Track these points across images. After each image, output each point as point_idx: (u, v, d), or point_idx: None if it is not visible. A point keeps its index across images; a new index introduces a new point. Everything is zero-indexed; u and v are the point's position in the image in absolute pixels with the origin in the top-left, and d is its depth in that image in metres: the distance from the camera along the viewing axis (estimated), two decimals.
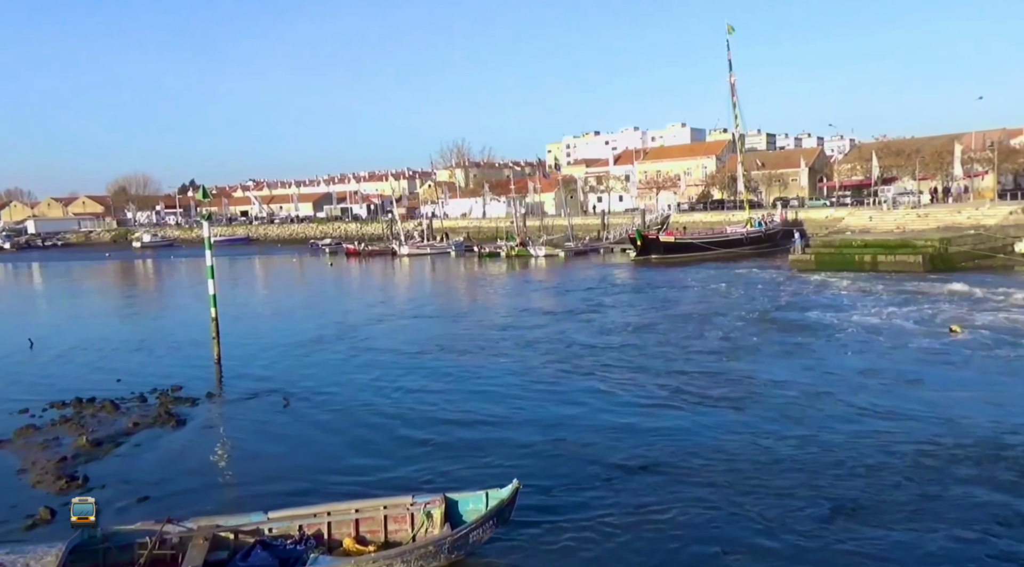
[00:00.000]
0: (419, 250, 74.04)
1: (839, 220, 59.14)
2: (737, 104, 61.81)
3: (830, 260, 43.01)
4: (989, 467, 12.22)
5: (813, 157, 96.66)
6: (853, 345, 22.38)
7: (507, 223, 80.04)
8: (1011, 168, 76.38)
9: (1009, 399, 16.06)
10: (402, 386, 19.31)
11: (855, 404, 16.13)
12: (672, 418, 15.68)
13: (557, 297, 37.43)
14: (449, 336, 27.08)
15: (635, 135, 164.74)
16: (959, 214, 50.34)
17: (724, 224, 66.32)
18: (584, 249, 66.97)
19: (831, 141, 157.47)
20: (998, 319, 24.67)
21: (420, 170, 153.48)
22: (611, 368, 20.35)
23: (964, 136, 77.75)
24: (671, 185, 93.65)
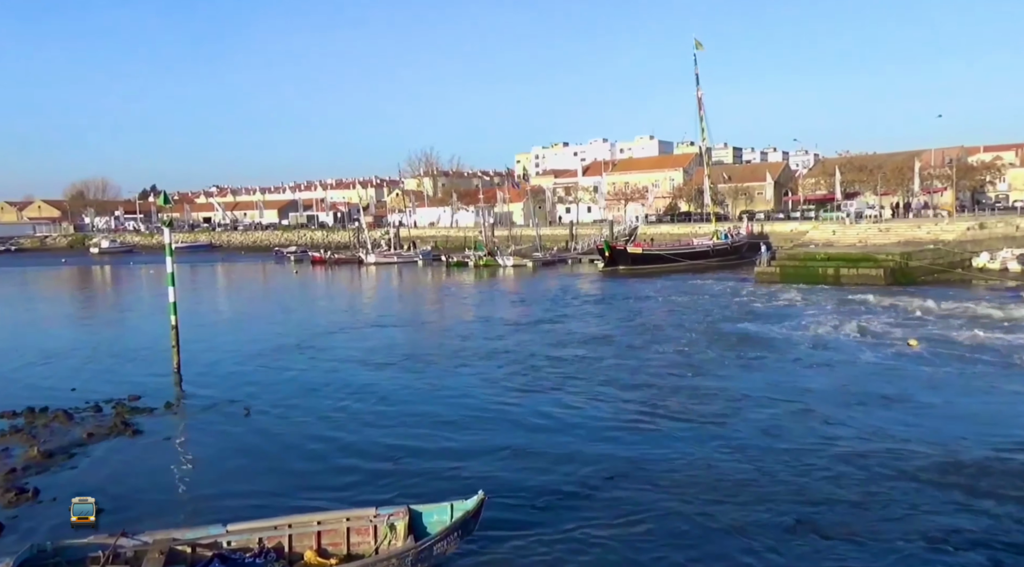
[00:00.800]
0: (386, 259, 73.63)
1: (803, 233, 60.27)
2: (704, 118, 62.90)
3: (794, 273, 43.76)
4: (946, 481, 12.47)
5: (779, 171, 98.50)
6: (815, 359, 22.75)
7: (475, 233, 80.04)
8: (969, 185, 78.69)
9: (966, 414, 16.43)
10: (366, 397, 19.13)
11: (816, 417, 16.39)
12: (636, 430, 15.76)
13: (524, 307, 37.49)
14: (414, 346, 26.96)
15: (604, 147, 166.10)
16: (919, 229, 51.61)
17: (691, 236, 67.11)
18: (552, 259, 67.22)
19: (796, 156, 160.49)
20: (956, 334, 25.26)
21: (388, 178, 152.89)
22: (576, 380, 20.39)
23: (924, 153, 79.92)
24: (639, 197, 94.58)
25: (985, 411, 16.47)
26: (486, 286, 51.02)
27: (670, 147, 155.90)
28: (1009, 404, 17.08)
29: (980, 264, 43.37)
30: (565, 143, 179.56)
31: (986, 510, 11.23)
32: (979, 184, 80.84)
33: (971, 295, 35.02)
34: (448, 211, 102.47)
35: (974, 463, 13.11)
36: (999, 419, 15.80)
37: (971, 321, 27.52)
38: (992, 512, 11.16)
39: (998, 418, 15.87)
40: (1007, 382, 19.02)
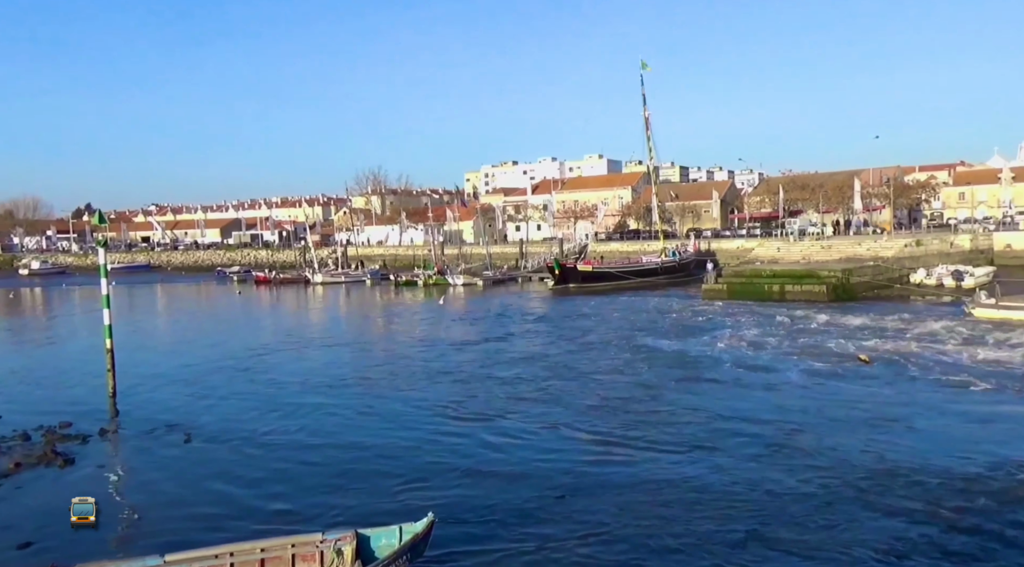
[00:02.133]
0: (333, 278, 72.74)
1: (749, 250, 61.77)
2: (651, 137, 64.16)
3: (741, 290, 44.78)
4: (894, 493, 12.86)
5: (724, 189, 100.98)
6: (762, 375, 23.27)
7: (425, 251, 79.75)
8: (905, 203, 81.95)
9: (914, 428, 16.96)
10: (310, 420, 18.83)
11: (766, 433, 16.75)
12: (585, 449, 15.84)
13: (473, 326, 37.45)
14: (360, 367, 26.69)
15: (553, 165, 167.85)
16: (859, 246, 53.45)
17: (640, 254, 68.11)
18: (502, 278, 67.38)
19: (741, 174, 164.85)
20: (901, 348, 26.16)
21: (335, 197, 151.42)
22: (524, 401, 20.34)
23: (863, 172, 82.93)
24: (588, 215, 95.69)
25: (932, 426, 17.01)
26: (435, 305, 50.83)
27: (619, 166, 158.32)
28: (952, 418, 17.74)
29: (917, 280, 45.06)
30: (514, 161, 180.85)
31: (931, 522, 11.61)
32: (915, 202, 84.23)
33: (909, 309, 36.34)
34: (397, 229, 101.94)
35: (920, 477, 13.54)
36: (945, 434, 16.34)
37: (913, 336, 28.50)
38: (937, 524, 11.54)
39: (944, 433, 16.42)
40: (950, 397, 19.76)
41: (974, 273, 43.63)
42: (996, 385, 20.32)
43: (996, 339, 26.75)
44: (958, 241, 53.84)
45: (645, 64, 62.67)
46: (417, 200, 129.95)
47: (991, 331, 28.45)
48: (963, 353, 24.65)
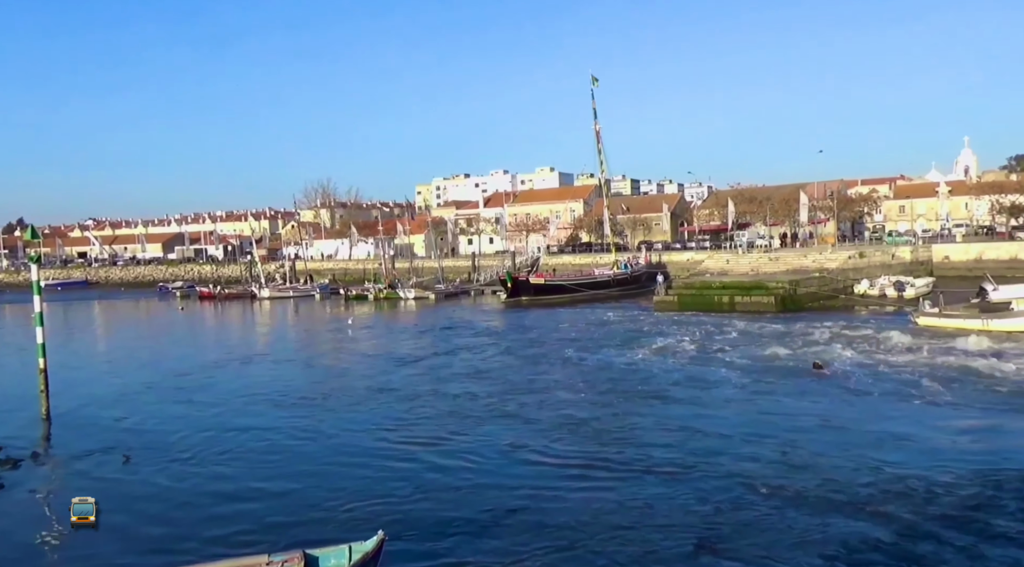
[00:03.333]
0: (281, 293, 71.59)
1: (699, 263, 62.88)
2: (602, 151, 64.96)
3: (691, 301, 45.50)
4: (844, 500, 13.19)
5: (675, 202, 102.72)
6: (715, 384, 23.67)
7: (375, 265, 79.09)
8: (849, 216, 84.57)
9: (866, 434, 17.44)
10: (253, 439, 18.47)
11: (720, 441, 17.03)
12: (536, 464, 15.83)
13: (424, 340, 37.23)
14: (306, 384, 26.30)
15: (505, 178, 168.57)
16: (805, 258, 54.90)
17: (592, 266, 68.69)
18: (455, 291, 67.21)
19: (691, 188, 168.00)
20: (852, 356, 26.92)
21: (283, 210, 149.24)
22: (475, 417, 20.20)
23: (808, 186, 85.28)
24: (541, 228, 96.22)
25: (884, 432, 17.44)
26: (387, 319, 50.42)
27: (570, 179, 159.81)
28: (903, 425, 18.26)
29: (861, 291, 46.42)
30: (466, 174, 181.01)
31: (876, 528, 11.92)
32: (858, 215, 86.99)
33: (855, 319, 37.43)
34: (347, 243, 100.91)
35: (871, 483, 13.90)
36: (897, 441, 16.78)
37: (860, 344, 29.32)
38: (885, 530, 11.85)
39: (896, 440, 16.86)
40: (901, 404, 20.38)
41: (915, 284, 45.14)
42: (944, 391, 21.02)
43: (941, 347, 27.63)
44: (899, 253, 55.71)
45: (595, 79, 63.63)
46: (367, 213, 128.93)
47: (935, 339, 29.43)
48: (912, 360, 25.45)
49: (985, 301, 36.40)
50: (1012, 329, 30.12)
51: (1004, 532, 11.55)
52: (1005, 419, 18.19)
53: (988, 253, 54.96)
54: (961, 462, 14.85)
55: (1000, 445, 16.09)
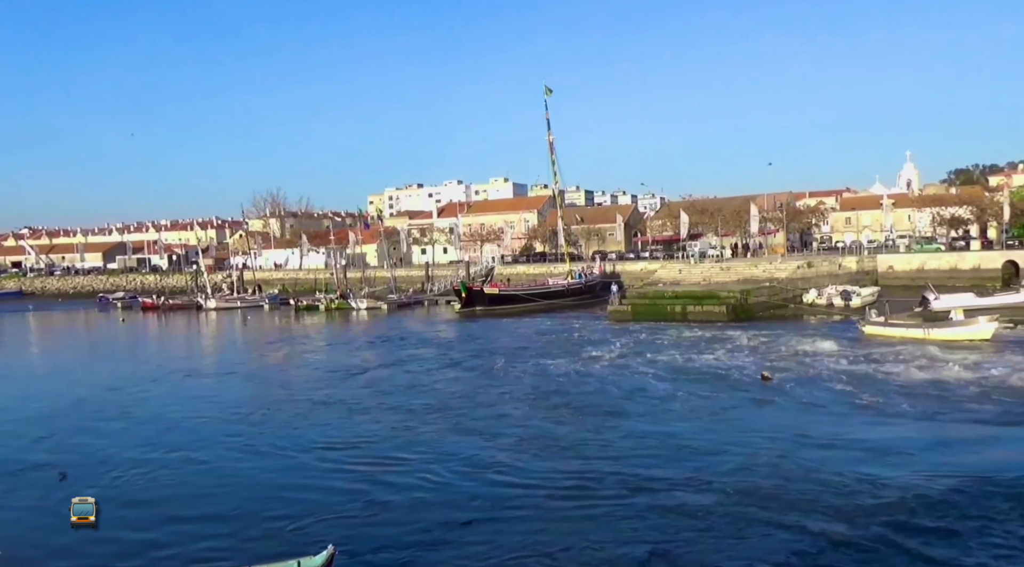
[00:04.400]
0: (228, 303, 70.09)
1: (652, 272, 63.60)
2: (556, 162, 65.39)
3: (645, 311, 45.96)
4: (794, 508, 13.39)
5: (628, 213, 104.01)
6: (667, 392, 23.90)
7: (327, 275, 78.08)
8: (797, 227, 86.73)
9: (815, 441, 17.77)
10: (195, 454, 18.02)
11: (672, 451, 17.16)
12: (486, 477, 15.72)
13: (375, 352, 36.82)
14: (252, 397, 25.81)
15: (459, 188, 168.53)
16: (756, 268, 55.98)
17: (546, 276, 68.93)
18: (408, 301, 66.70)
19: (644, 199, 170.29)
20: (799, 364, 27.48)
21: (231, 219, 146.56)
22: (426, 430, 19.90)
23: (758, 197, 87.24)
24: (495, 238, 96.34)
25: (833, 439, 17.83)
26: (338, 330, 49.75)
27: (524, 189, 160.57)
28: (847, 431, 18.68)
29: (809, 300, 47.50)
30: (420, 184, 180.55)
31: (826, 535, 12.13)
32: (806, 226, 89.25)
33: (804, 328, 38.26)
34: (297, 253, 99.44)
35: (816, 491, 14.15)
36: (840, 448, 17.16)
37: (809, 353, 29.91)
38: (831, 536, 12.07)
39: (839, 447, 17.25)
40: (850, 411, 20.85)
41: (861, 293, 46.37)
42: (889, 400, 21.57)
43: (887, 355, 28.32)
44: (845, 263, 57.24)
45: (549, 90, 64.07)
46: (318, 223, 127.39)
47: (881, 346, 30.23)
48: (860, 369, 26.04)
49: (927, 310, 37.64)
50: (951, 338, 31.12)
51: (950, 537, 11.86)
52: (948, 427, 18.77)
53: (930, 263, 56.84)
54: (908, 469, 15.24)
55: (944, 452, 16.56)
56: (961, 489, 13.75)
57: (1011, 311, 36.57)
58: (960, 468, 15.08)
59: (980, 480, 14.16)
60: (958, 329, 31.68)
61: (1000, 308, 36.69)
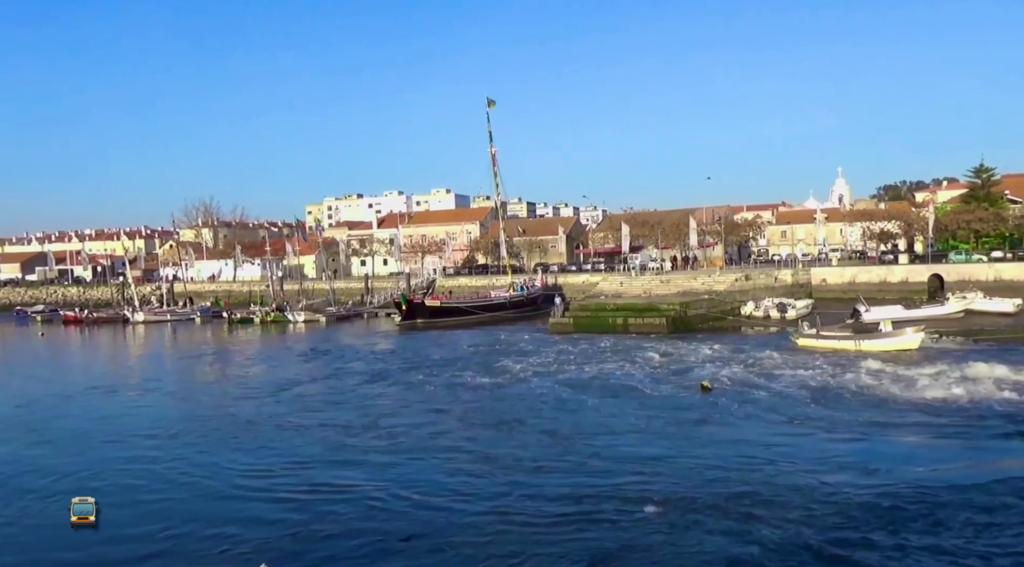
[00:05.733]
0: (157, 316, 68.08)
1: (594, 285, 64.31)
2: (498, 173, 65.82)
3: (587, 323, 46.46)
4: (729, 516, 13.73)
5: (570, 225, 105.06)
6: (610, 405, 24.20)
7: (262, 287, 76.56)
8: (735, 240, 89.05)
9: (750, 448, 18.28)
10: (113, 473, 17.43)
11: (612, 462, 17.38)
12: (424, 492, 15.65)
13: (310, 366, 36.21)
14: (178, 414, 25.18)
15: (400, 199, 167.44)
16: (695, 280, 57.14)
17: (488, 288, 69.03)
18: (347, 314, 65.90)
19: (586, 211, 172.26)
20: (737, 374, 28.18)
21: (161, 229, 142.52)
22: (360, 448, 19.50)
23: (697, 211, 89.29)
24: (436, 249, 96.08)
25: (764, 447, 18.37)
26: (272, 344, 48.78)
27: (467, 201, 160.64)
28: (781, 440, 19.22)
29: (747, 312, 48.75)
30: (360, 195, 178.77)
31: (761, 542, 12.47)
32: (744, 240, 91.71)
33: (742, 339, 39.25)
34: (231, 264, 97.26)
35: (751, 499, 14.53)
36: (775, 456, 17.67)
37: (748, 364, 30.67)
38: (765, 543, 12.42)
39: (775, 455, 17.76)
40: (781, 421, 21.45)
41: (796, 305, 47.86)
42: (822, 409, 22.34)
43: (819, 366, 29.20)
44: (781, 276, 58.98)
45: (491, 102, 64.57)
46: (254, 233, 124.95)
47: (812, 358, 31.20)
48: (792, 379, 26.82)
49: (858, 322, 39.09)
50: (881, 348, 32.36)
51: (875, 546, 12.32)
52: (876, 435, 19.51)
53: (860, 276, 59.00)
54: (839, 475, 15.79)
55: (873, 461, 17.17)
56: (888, 496, 14.32)
57: (936, 323, 38.35)
58: (889, 476, 15.68)
59: (908, 488, 14.75)
60: (887, 340, 32.98)
61: (926, 320, 38.42)
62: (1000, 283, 52.20)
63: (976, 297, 45.81)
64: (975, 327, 38.40)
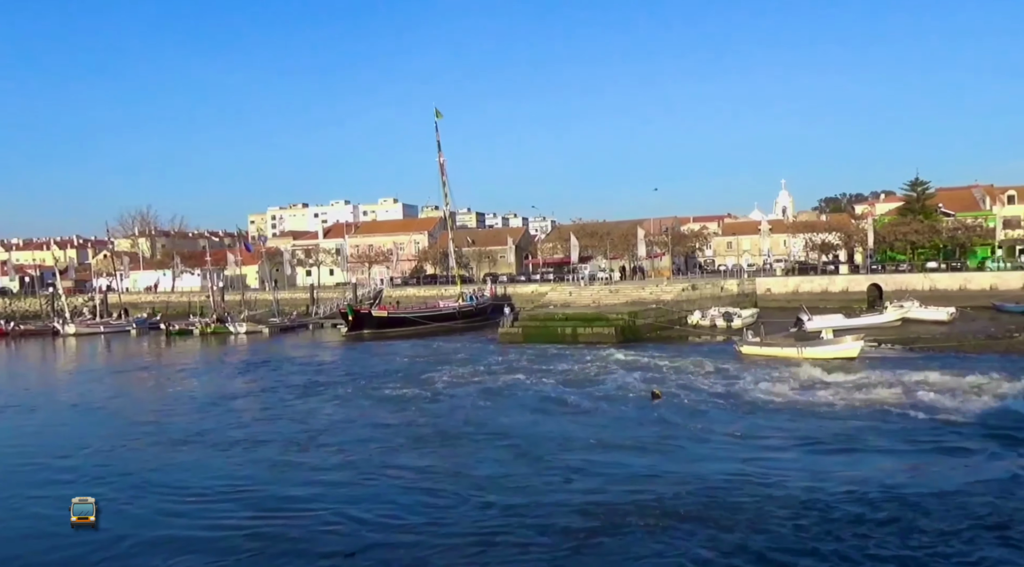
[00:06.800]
0: (90, 329, 65.93)
1: (543, 295, 64.75)
2: (447, 183, 65.83)
3: (536, 333, 46.69)
4: (677, 521, 13.89)
5: (519, 236, 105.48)
6: (559, 414, 24.32)
7: (202, 298, 74.87)
8: (682, 251, 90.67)
9: (699, 455, 18.56)
10: (19, 502, 16.28)
11: (562, 471, 17.44)
12: (369, 504, 15.48)
13: (249, 379, 35.38)
14: (105, 431, 24.18)
15: (346, 209, 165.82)
16: (643, 290, 58.05)
17: (437, 298, 68.87)
18: (292, 325, 64.90)
19: (535, 222, 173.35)
20: (685, 382, 28.60)
21: (94, 238, 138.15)
22: (297, 465, 18.98)
23: (645, 222, 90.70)
24: (384, 259, 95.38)
25: (710, 454, 18.70)
26: (211, 356, 47.65)
27: (415, 210, 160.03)
28: (724, 446, 19.59)
29: (694, 321, 49.70)
30: (305, 204, 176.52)
31: (711, 547, 12.65)
32: (691, 250, 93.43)
33: (689, 348, 39.88)
34: (169, 275, 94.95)
35: (699, 505, 14.74)
36: (721, 462, 18.00)
37: (694, 373, 31.14)
38: (715, 549, 12.61)
39: (720, 461, 18.09)
40: (725, 427, 21.83)
41: (741, 314, 48.98)
42: (765, 416, 22.85)
43: (760, 374, 29.84)
44: (727, 286, 60.30)
45: (439, 112, 64.80)
46: (194, 243, 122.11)
47: (755, 366, 31.90)
48: (734, 387, 27.38)
49: (801, 330, 40.18)
50: (823, 356, 33.28)
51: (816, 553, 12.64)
52: (816, 440, 20.01)
53: (804, 286, 60.74)
54: (784, 480, 16.15)
55: (814, 465, 17.64)
56: (822, 502, 14.70)
57: (875, 331, 39.71)
58: (830, 482, 16.08)
59: (848, 495, 15.15)
60: (828, 348, 33.96)
61: (866, 328, 39.77)
62: (935, 292, 54.43)
63: (912, 306, 47.66)
64: (911, 335, 39.92)
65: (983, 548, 12.31)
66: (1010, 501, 14.42)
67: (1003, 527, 13.12)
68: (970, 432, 20.01)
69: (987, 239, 67.74)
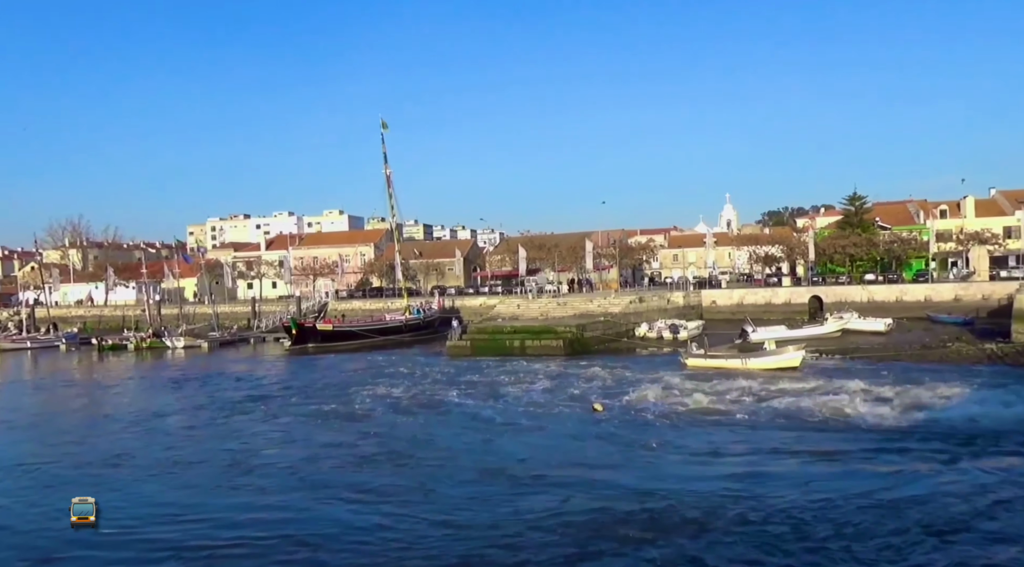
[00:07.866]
0: (15, 344, 63.52)
1: (492, 307, 64.68)
2: (394, 195, 65.55)
3: (484, 345, 46.63)
4: (618, 531, 14.03)
5: (467, 248, 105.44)
6: (501, 425, 24.28)
7: (138, 311, 72.76)
8: (630, 263, 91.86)
9: (645, 465, 18.71)
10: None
11: (505, 482, 17.42)
12: (323, 515, 15.40)
13: (184, 396, 34.38)
14: (23, 453, 23.12)
15: (290, 220, 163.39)
16: (591, 303, 58.48)
17: (384, 311, 68.27)
18: (232, 339, 63.46)
19: (483, 234, 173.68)
20: (630, 395, 28.76)
21: (21, 249, 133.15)
22: (232, 488, 18.42)
23: (593, 234, 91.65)
24: (329, 272, 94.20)
25: (652, 465, 18.91)
26: (146, 372, 46.25)
27: (361, 222, 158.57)
28: (666, 458, 19.80)
29: (641, 333, 50.32)
30: (247, 215, 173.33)
31: (658, 554, 12.73)
32: (638, 263, 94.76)
33: (636, 361, 40.31)
34: (102, 287, 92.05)
35: (641, 514, 14.89)
36: (662, 474, 18.21)
37: (640, 383, 31.46)
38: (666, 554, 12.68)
39: (661, 473, 18.31)
40: (669, 438, 22.10)
41: (687, 326, 49.77)
42: (708, 429, 23.22)
43: (705, 386, 30.20)
44: (674, 298, 61.23)
45: (385, 124, 64.53)
46: (128, 254, 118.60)
47: (699, 378, 32.34)
48: (678, 399, 27.72)
49: (746, 342, 41.04)
50: (766, 366, 34.04)
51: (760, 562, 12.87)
52: (760, 453, 20.42)
53: (748, 298, 62.09)
54: (727, 491, 16.40)
55: (764, 477, 17.96)
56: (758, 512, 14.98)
57: (816, 341, 40.80)
58: (774, 491, 16.41)
59: (793, 503, 15.47)
60: (770, 358, 34.74)
61: (807, 339, 40.81)
62: (873, 304, 56.26)
63: (852, 317, 49.13)
64: (851, 345, 41.15)
65: (930, 553, 12.70)
66: (950, 506, 14.92)
67: (942, 533, 13.57)
68: (907, 439, 20.68)
69: (921, 252, 70.30)
